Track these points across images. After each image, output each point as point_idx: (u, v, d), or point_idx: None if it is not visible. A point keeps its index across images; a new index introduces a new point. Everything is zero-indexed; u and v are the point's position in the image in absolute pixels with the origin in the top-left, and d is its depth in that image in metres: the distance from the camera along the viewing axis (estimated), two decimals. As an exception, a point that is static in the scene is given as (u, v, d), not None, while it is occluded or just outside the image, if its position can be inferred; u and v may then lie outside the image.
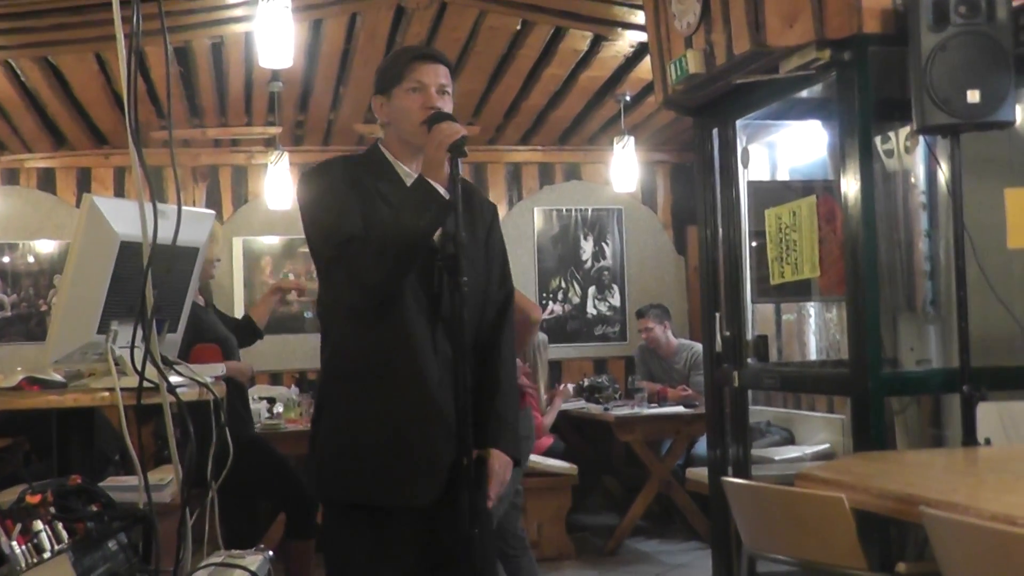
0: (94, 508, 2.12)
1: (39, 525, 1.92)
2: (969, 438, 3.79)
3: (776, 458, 6.08)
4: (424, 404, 2.60)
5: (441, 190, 2.52)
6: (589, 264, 8.57)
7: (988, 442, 3.76)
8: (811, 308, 6.79)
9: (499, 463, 2.72)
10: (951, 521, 2.33)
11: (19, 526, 1.91)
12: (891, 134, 4.50)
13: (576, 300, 8.53)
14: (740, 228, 5.08)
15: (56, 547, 1.91)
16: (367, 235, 2.56)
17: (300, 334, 7.82)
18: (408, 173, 2.72)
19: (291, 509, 5.05)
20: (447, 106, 2.72)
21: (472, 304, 2.64)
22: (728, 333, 5.10)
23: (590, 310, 8.54)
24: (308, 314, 7.77)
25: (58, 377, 2.44)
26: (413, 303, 2.61)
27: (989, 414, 3.81)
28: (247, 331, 5.21)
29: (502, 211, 8.10)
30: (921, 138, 4.15)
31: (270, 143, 7.46)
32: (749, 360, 5.04)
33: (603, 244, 8.58)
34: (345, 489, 2.64)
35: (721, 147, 5.11)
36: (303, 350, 7.74)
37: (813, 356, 6.80)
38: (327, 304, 2.75)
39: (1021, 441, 3.81)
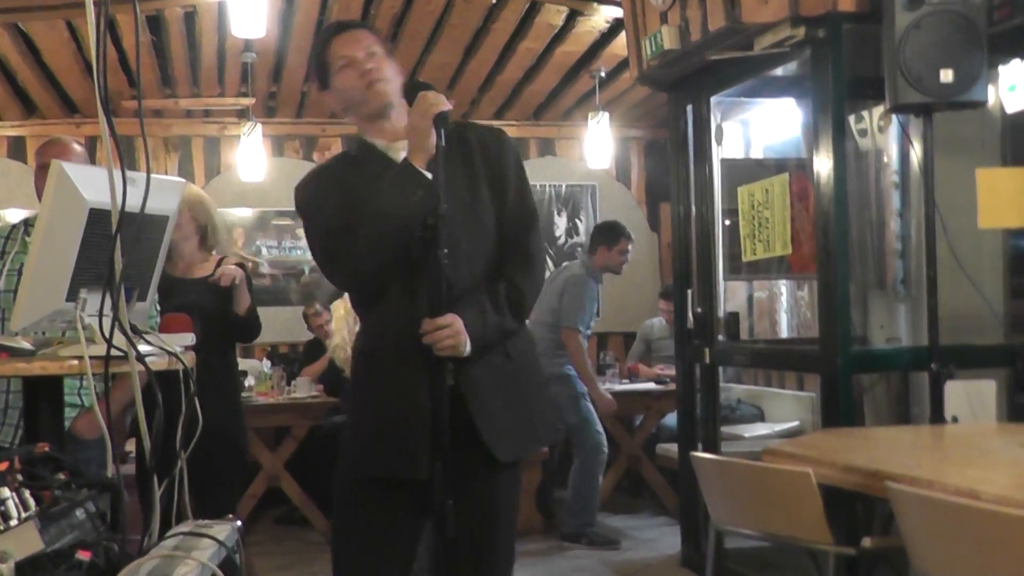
0: (62, 476, 2.11)
1: (6, 492, 1.90)
2: (937, 416, 3.82)
3: (746, 435, 6.12)
4: (408, 378, 2.56)
5: (428, 175, 2.46)
6: (562, 240, 8.56)
7: (955, 420, 3.80)
8: (782, 286, 6.83)
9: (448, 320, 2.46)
10: (915, 496, 2.35)
11: (-15, 493, 1.90)
12: (864, 113, 4.52)
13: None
14: (713, 205, 5.10)
15: (23, 514, 1.90)
16: (356, 227, 2.50)
17: (271, 307, 7.75)
18: (389, 147, 2.65)
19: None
20: (383, 67, 2.62)
21: (471, 260, 2.57)
22: (700, 310, 5.12)
23: (563, 286, 8.51)
24: None
25: (26, 345, 2.42)
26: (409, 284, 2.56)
27: (957, 392, 3.85)
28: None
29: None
30: (894, 117, 4.18)
31: (243, 114, 7.41)
32: (720, 337, 5.07)
33: (576, 220, 8.57)
34: (365, 464, 2.61)
35: (695, 124, 5.13)
36: (274, 323, 7.70)
37: (784, 334, 6.85)
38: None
39: (988, 419, 3.85)
